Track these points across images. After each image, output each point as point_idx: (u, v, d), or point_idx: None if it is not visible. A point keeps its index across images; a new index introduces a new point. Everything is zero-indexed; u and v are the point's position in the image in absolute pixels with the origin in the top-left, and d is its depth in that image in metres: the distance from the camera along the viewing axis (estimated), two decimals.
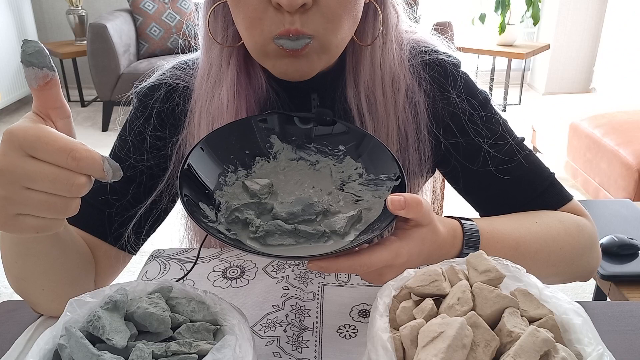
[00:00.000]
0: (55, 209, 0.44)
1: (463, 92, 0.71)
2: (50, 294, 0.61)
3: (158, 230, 0.77)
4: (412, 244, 0.53)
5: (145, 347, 0.41)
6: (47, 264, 0.59)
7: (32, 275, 0.59)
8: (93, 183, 0.45)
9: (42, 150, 0.41)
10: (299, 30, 0.56)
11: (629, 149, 2.10)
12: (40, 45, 0.43)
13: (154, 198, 0.71)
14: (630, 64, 3.47)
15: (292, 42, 0.57)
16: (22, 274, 0.60)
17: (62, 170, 0.42)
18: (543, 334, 0.37)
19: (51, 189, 0.42)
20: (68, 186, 0.42)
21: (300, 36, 0.57)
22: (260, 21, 0.57)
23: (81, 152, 0.42)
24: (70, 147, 0.42)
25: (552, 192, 0.71)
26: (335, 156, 0.63)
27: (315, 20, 0.57)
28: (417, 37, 0.74)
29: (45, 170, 0.42)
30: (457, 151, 0.72)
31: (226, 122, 0.66)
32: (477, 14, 3.68)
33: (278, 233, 0.53)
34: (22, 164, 0.42)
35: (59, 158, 0.42)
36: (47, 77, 0.44)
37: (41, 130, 0.42)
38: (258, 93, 0.70)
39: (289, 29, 0.56)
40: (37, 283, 0.60)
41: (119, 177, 0.45)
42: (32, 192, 0.43)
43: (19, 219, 0.44)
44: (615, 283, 1.13)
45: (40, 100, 0.45)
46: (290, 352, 0.56)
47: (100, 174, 0.43)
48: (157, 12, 3.57)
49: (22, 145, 0.42)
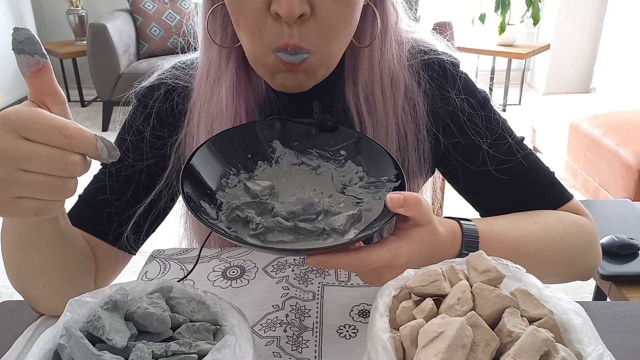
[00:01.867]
0: (52, 189, 0.44)
1: (462, 92, 0.71)
2: (51, 291, 0.61)
3: (158, 231, 0.77)
4: (412, 244, 0.53)
5: (145, 347, 0.41)
6: (48, 259, 0.59)
7: (32, 271, 0.59)
8: (90, 164, 0.45)
9: (34, 130, 0.42)
10: (297, 44, 0.57)
11: (629, 149, 2.10)
12: (31, 32, 0.44)
13: (153, 197, 0.71)
14: (630, 64, 3.48)
15: (290, 56, 0.57)
16: (23, 269, 0.60)
17: (55, 150, 0.42)
18: (543, 334, 0.37)
19: (46, 169, 0.43)
20: (62, 165, 0.43)
21: (298, 50, 0.57)
22: (259, 32, 0.58)
23: (72, 130, 0.42)
24: (62, 125, 0.42)
25: (552, 191, 0.71)
26: (337, 161, 0.63)
27: (313, 33, 0.57)
28: (417, 37, 0.74)
29: (39, 150, 0.42)
30: (457, 151, 0.72)
31: (225, 121, 0.67)
32: (477, 14, 3.68)
33: (278, 230, 0.53)
34: (16, 146, 0.42)
35: (51, 137, 0.42)
36: (38, 64, 0.44)
37: (33, 111, 0.43)
38: (257, 93, 0.70)
39: (287, 43, 0.57)
40: (37, 279, 0.60)
41: (115, 157, 0.45)
42: (28, 173, 0.43)
43: (17, 202, 0.44)
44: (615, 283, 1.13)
45: (34, 87, 0.46)
46: (290, 352, 0.56)
47: (94, 152, 0.44)
48: (157, 12, 3.57)
49: (14, 128, 0.42)
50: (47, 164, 0.42)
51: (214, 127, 0.67)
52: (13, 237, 0.57)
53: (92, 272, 0.67)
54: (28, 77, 0.45)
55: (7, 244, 0.59)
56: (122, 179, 0.71)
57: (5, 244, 0.59)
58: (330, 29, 0.58)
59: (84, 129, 0.43)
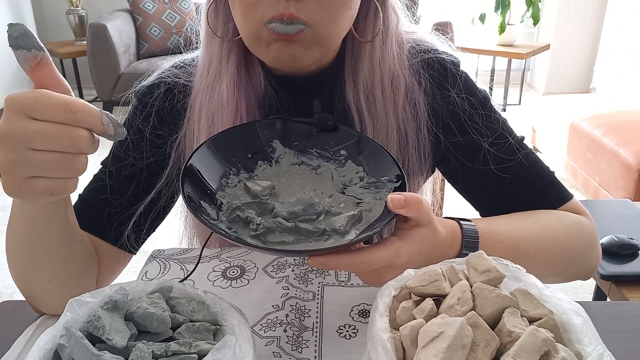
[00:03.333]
0: (63, 166, 0.45)
1: (463, 91, 0.71)
2: (55, 286, 0.61)
3: (158, 231, 0.77)
4: (412, 244, 0.53)
5: (145, 347, 0.41)
6: (55, 252, 0.59)
7: (38, 265, 0.60)
8: (98, 142, 0.46)
9: (41, 109, 0.43)
10: (293, 14, 0.56)
11: (629, 149, 2.10)
12: (25, 27, 0.44)
13: (153, 196, 0.72)
14: (630, 64, 3.48)
15: (285, 26, 0.57)
16: (29, 264, 0.60)
17: (62, 126, 0.44)
18: (543, 334, 0.37)
19: (55, 146, 0.44)
20: (70, 140, 0.44)
21: (294, 21, 0.57)
22: (255, 6, 0.58)
23: (77, 105, 0.44)
24: (67, 101, 0.43)
25: (552, 191, 0.71)
26: (337, 161, 0.63)
27: (312, 8, 0.57)
28: (417, 37, 0.74)
29: (47, 128, 0.43)
30: (457, 150, 0.72)
31: (226, 116, 0.67)
32: (477, 14, 3.68)
33: (278, 230, 0.53)
34: (24, 126, 0.43)
35: (57, 114, 0.43)
36: (37, 58, 0.45)
37: (38, 92, 0.44)
38: (257, 89, 0.70)
39: (282, 12, 0.56)
40: (43, 274, 0.60)
41: (122, 135, 0.46)
42: (38, 152, 0.44)
43: (30, 182, 0.45)
44: (615, 283, 1.13)
45: (36, 80, 0.46)
46: (290, 352, 0.56)
47: (100, 127, 0.45)
48: (157, 12, 3.57)
49: (22, 109, 0.43)
50: (56, 141, 0.44)
51: (215, 121, 0.68)
52: (22, 230, 0.58)
53: (95, 269, 0.68)
54: (29, 72, 0.46)
55: (14, 238, 0.59)
56: (123, 178, 0.71)
57: (12, 239, 0.59)
58: (329, 6, 0.58)
59: (89, 104, 0.45)
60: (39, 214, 0.56)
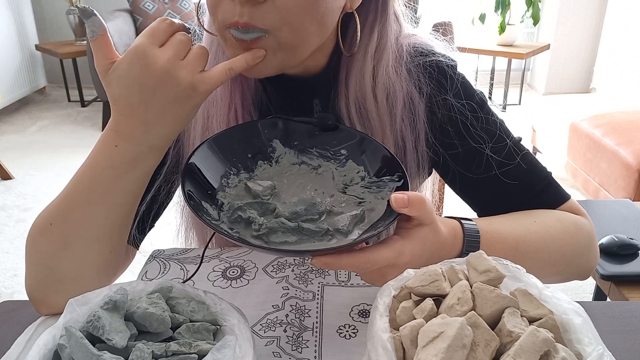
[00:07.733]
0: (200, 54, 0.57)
1: (460, 95, 0.71)
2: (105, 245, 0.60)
3: (158, 230, 0.77)
4: (415, 243, 0.53)
5: (145, 347, 0.41)
6: (112, 215, 0.58)
7: (87, 231, 0.58)
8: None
9: (157, 38, 0.56)
10: (248, 23, 0.56)
11: (629, 149, 2.10)
12: (90, 9, 0.56)
13: (153, 193, 0.72)
14: (630, 64, 3.48)
15: (242, 34, 0.57)
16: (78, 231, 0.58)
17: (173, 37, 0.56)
18: (543, 334, 0.37)
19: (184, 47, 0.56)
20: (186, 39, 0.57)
21: (250, 29, 0.57)
22: (217, 9, 0.59)
23: (164, 19, 0.58)
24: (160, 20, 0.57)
25: (550, 191, 0.71)
26: (337, 160, 0.63)
27: (270, 15, 0.56)
28: (415, 40, 0.74)
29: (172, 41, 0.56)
30: (456, 159, 0.72)
31: (221, 109, 0.68)
32: (477, 14, 3.68)
33: (281, 231, 0.53)
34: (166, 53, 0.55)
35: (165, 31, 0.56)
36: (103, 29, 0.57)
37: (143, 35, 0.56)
38: (251, 87, 0.71)
39: (237, 21, 0.57)
40: (89, 244, 0.58)
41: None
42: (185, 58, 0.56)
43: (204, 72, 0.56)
44: (615, 283, 1.13)
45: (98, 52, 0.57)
46: (290, 352, 0.56)
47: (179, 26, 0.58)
48: (157, 12, 3.57)
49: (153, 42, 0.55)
50: (183, 44, 0.56)
51: (209, 113, 0.69)
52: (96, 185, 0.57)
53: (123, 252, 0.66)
54: (94, 42, 0.57)
55: (70, 199, 0.58)
56: None
57: (66, 200, 0.58)
58: (288, 14, 0.57)
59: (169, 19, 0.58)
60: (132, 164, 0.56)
